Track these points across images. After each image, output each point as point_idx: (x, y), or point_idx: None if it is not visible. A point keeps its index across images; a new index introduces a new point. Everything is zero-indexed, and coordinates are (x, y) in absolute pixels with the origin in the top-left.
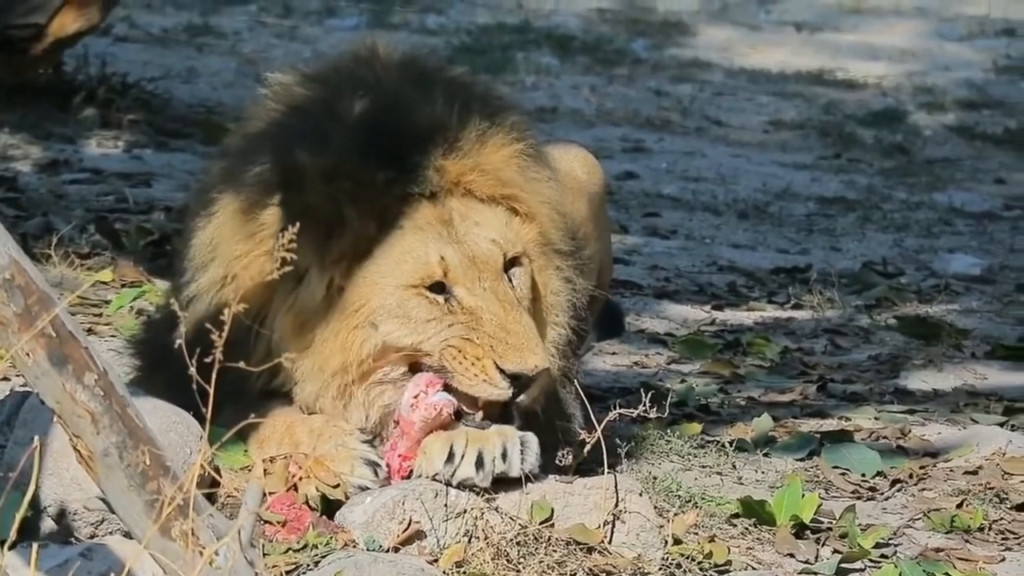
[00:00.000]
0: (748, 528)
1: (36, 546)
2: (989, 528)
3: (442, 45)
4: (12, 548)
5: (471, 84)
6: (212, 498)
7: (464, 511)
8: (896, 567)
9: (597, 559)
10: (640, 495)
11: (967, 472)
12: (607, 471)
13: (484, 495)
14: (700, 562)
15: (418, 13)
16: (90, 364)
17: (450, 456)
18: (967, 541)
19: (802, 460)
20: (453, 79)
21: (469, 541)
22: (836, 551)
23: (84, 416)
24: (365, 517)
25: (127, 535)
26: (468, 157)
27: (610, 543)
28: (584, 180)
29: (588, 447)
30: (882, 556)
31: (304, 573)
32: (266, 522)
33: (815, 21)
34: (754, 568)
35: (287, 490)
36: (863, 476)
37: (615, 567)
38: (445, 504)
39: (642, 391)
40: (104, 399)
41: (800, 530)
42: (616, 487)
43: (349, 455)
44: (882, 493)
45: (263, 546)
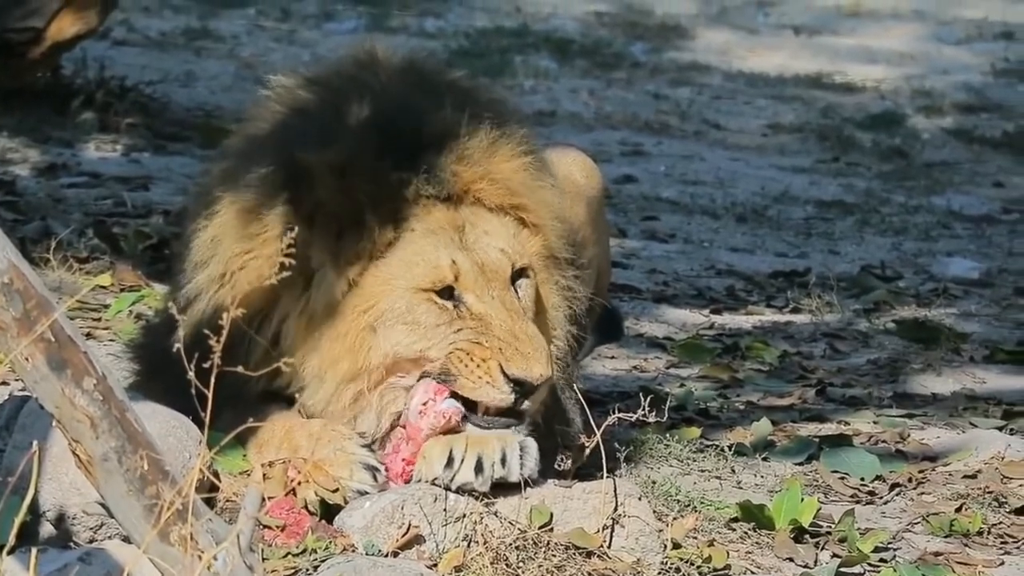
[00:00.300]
0: (747, 532)
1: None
2: (988, 532)
3: (440, 48)
4: (11, 552)
5: (477, 89)
6: (211, 502)
7: (463, 515)
8: (895, 571)
9: (596, 563)
10: (639, 499)
11: (966, 476)
12: (606, 475)
13: (483, 500)
14: (699, 566)
15: (416, 16)
16: (89, 368)
17: (449, 461)
18: (966, 545)
19: (801, 464)
20: (457, 84)
21: (468, 545)
22: (835, 555)
23: (83, 421)
24: (364, 521)
25: (126, 539)
26: (479, 165)
27: (609, 547)
28: (582, 184)
29: (587, 451)
30: (881, 560)
31: None
32: (265, 526)
33: (813, 24)
34: (753, 572)
35: (286, 494)
36: (862, 480)
37: (614, 571)
38: (444, 508)
39: (641, 395)
40: (103, 404)
41: (799, 534)
42: (615, 491)
43: (348, 459)
44: (881, 497)
45: (262, 550)
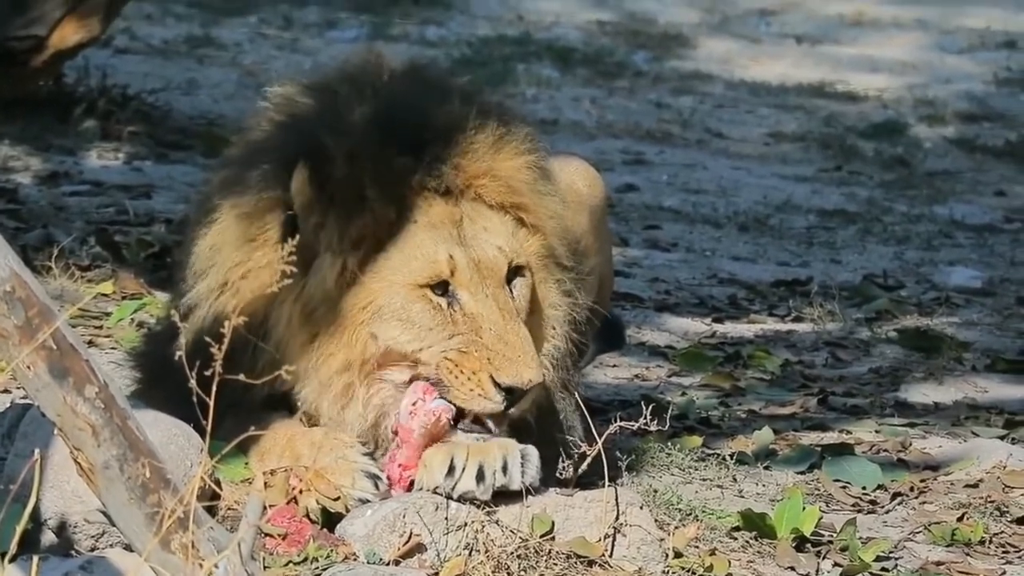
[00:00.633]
0: (749, 541)
1: (37, 559)
2: (990, 541)
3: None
4: (13, 561)
5: (481, 91)
6: (213, 511)
7: (465, 524)
8: None
9: (598, 572)
10: (641, 508)
11: (968, 485)
12: (608, 484)
13: (485, 508)
14: (701, 575)
15: (418, 25)
16: (91, 377)
17: (451, 469)
18: (968, 554)
19: (803, 473)
20: (462, 85)
21: (470, 554)
22: (837, 564)
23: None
24: (366, 530)
25: (127, 548)
26: (483, 161)
27: (611, 556)
28: (585, 193)
29: (589, 460)
30: (883, 569)
31: None
32: (266, 535)
33: (816, 33)
34: None
35: (288, 503)
36: (864, 489)
37: None
38: (446, 517)
39: (643, 404)
40: (105, 412)
41: (801, 543)
42: (617, 500)
43: (350, 468)
44: (883, 506)
45: (263, 559)
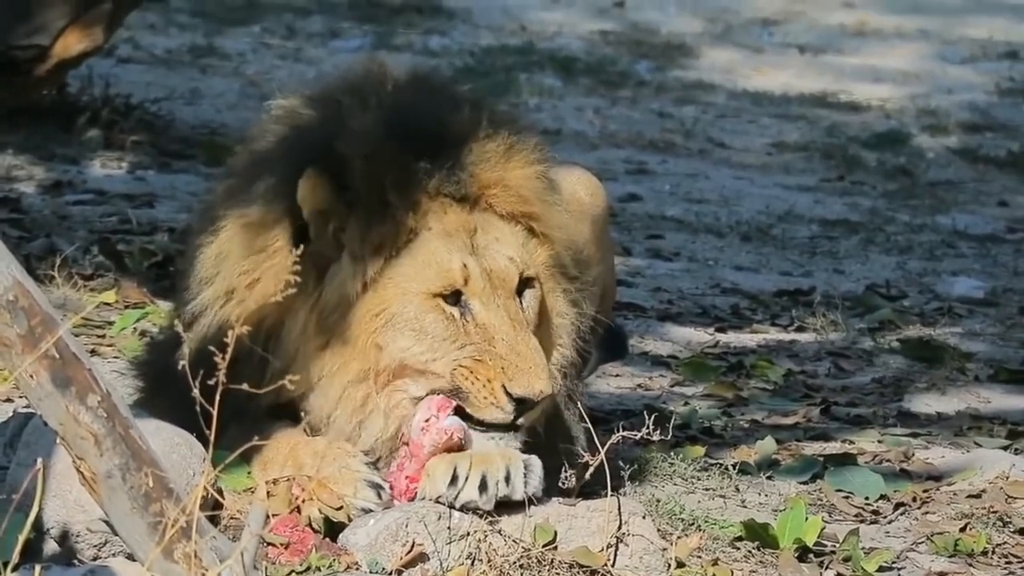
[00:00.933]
0: (751, 551)
1: (39, 568)
2: (992, 552)
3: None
4: (15, 570)
5: (488, 99)
6: (215, 520)
7: (467, 534)
8: None
9: None
10: (643, 518)
11: (970, 496)
12: (610, 494)
13: (487, 518)
14: None
15: (421, 34)
16: (93, 386)
17: (454, 479)
18: (970, 565)
19: (805, 483)
20: (468, 93)
21: (472, 564)
22: (839, 575)
23: (87, 438)
24: (368, 539)
25: (130, 557)
26: (496, 169)
27: (613, 566)
28: (587, 202)
29: (591, 470)
30: None
31: None
32: (269, 544)
33: (818, 43)
34: None
35: (290, 512)
36: (866, 499)
37: None
38: (448, 527)
39: (645, 413)
40: (107, 421)
41: (803, 553)
42: (619, 510)
43: (353, 477)
44: (885, 516)
45: (266, 568)
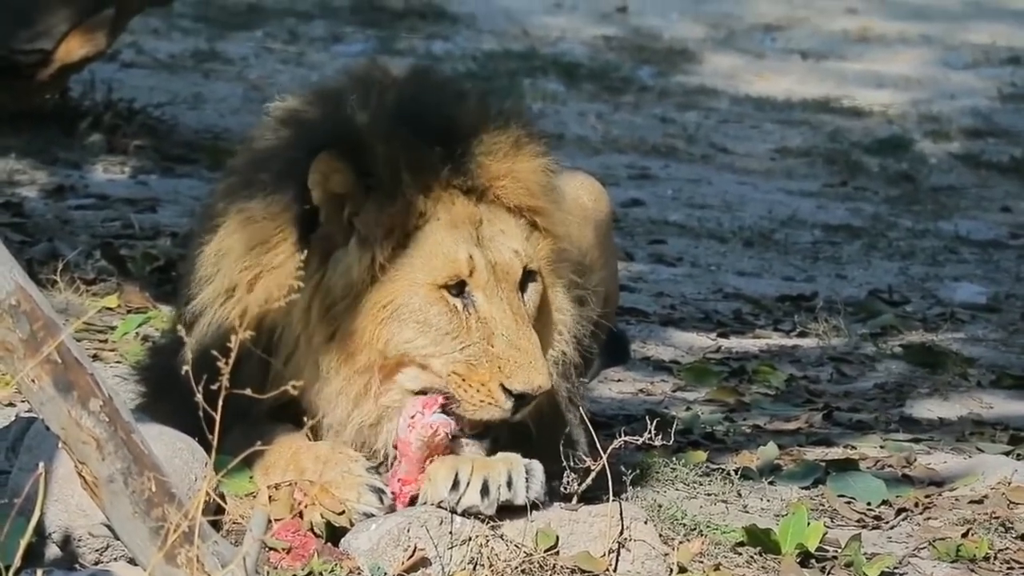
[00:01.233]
0: (753, 556)
1: (41, 572)
2: (994, 557)
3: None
4: (17, 574)
5: (491, 93)
6: (217, 525)
7: (469, 538)
8: None
9: None
10: (645, 523)
11: (972, 501)
12: (612, 499)
13: (489, 522)
14: None
15: (424, 39)
16: (95, 390)
17: (455, 483)
18: (972, 570)
19: (807, 488)
20: (473, 88)
21: (474, 569)
22: None
23: (89, 442)
24: (370, 544)
25: (132, 562)
26: (504, 161)
27: (615, 571)
28: (590, 207)
29: (593, 475)
30: None
31: None
32: (271, 549)
33: (821, 49)
34: None
35: (292, 517)
36: (868, 505)
37: None
38: (450, 531)
39: (647, 418)
40: (109, 425)
41: (805, 559)
42: (621, 515)
43: (355, 482)
44: (887, 522)
45: (268, 573)
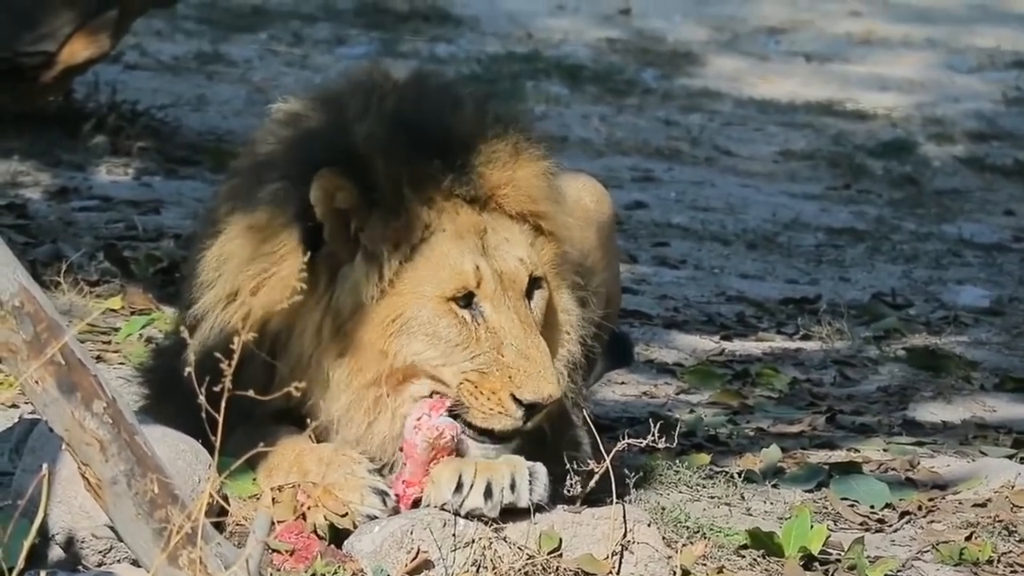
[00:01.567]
0: (756, 559)
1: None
2: (998, 561)
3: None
4: None
5: (491, 97)
6: (220, 527)
7: (472, 541)
8: None
9: None
10: (648, 525)
11: (976, 504)
12: (615, 501)
13: (492, 525)
14: None
15: (427, 42)
16: (99, 392)
17: (459, 486)
18: (975, 574)
19: (811, 491)
20: (472, 92)
21: (477, 571)
22: None
23: (93, 444)
24: (373, 546)
25: (135, 563)
26: (504, 169)
27: (618, 574)
28: (593, 209)
29: (597, 477)
30: None
31: None
32: (274, 551)
33: (825, 52)
34: None
35: (295, 519)
36: (872, 508)
37: None
38: (453, 534)
39: (651, 421)
40: (113, 427)
41: (808, 562)
42: (624, 517)
43: (358, 484)
44: (891, 525)
45: (271, 575)
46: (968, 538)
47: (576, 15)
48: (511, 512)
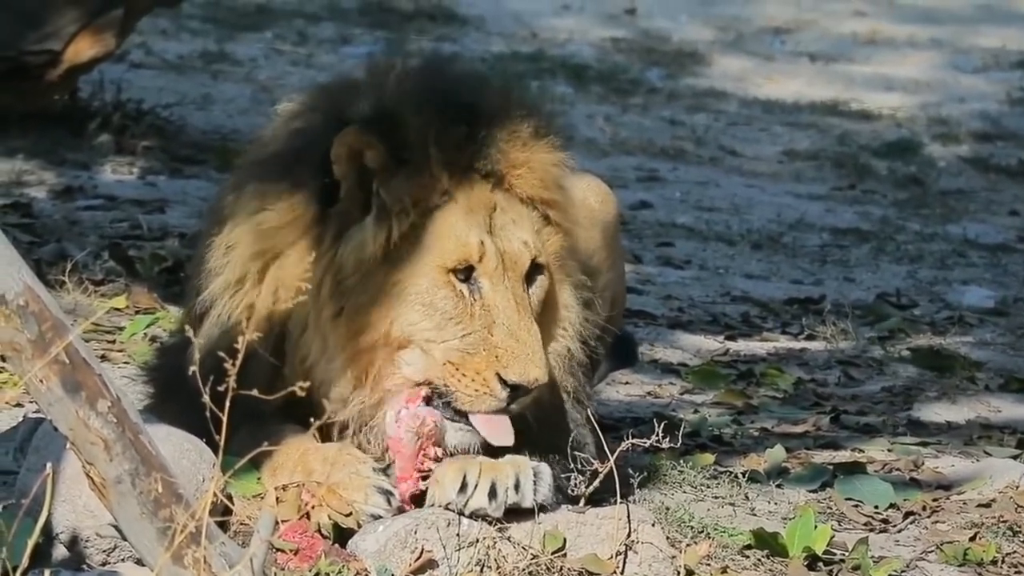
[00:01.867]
0: (760, 559)
1: (48, 573)
2: (1002, 561)
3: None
4: (24, 575)
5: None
6: (225, 526)
7: (476, 540)
8: None
9: None
10: (653, 525)
11: (980, 505)
12: (620, 501)
13: (497, 525)
14: None
15: (433, 41)
16: (103, 391)
17: (463, 486)
18: (980, 574)
19: (815, 491)
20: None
21: (481, 571)
22: None
23: (97, 443)
24: (377, 546)
25: (139, 562)
26: (523, 151)
27: (622, 573)
28: (597, 209)
29: (601, 477)
30: None
31: None
32: (278, 550)
33: (830, 52)
34: None
35: (300, 518)
36: (876, 508)
37: None
38: (457, 533)
39: (655, 421)
40: (117, 426)
41: (813, 562)
42: (629, 517)
43: (362, 483)
44: (895, 525)
45: (275, 574)
46: (972, 538)
47: (581, 15)
48: (515, 512)
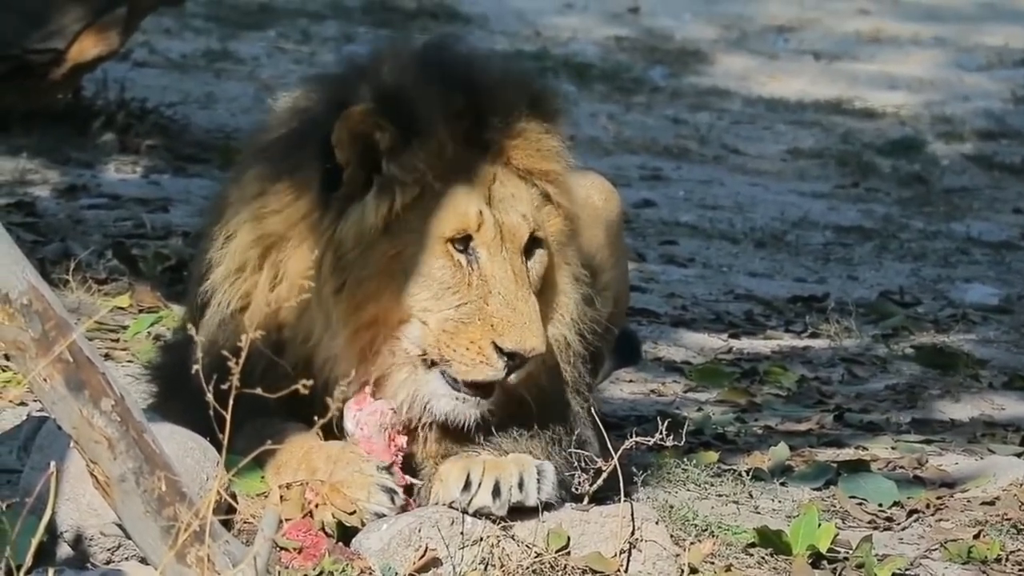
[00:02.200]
0: (764, 557)
1: (52, 572)
2: (1006, 559)
3: None
4: (28, 574)
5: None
6: (228, 524)
7: (480, 539)
8: None
9: None
10: (656, 524)
11: (984, 503)
12: (623, 499)
13: (500, 523)
14: None
15: None
16: (107, 390)
17: (467, 484)
18: (984, 572)
19: (819, 489)
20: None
21: (485, 569)
22: None
23: (101, 442)
24: (381, 544)
25: (143, 561)
26: (522, 122)
27: (626, 571)
28: (601, 207)
29: (605, 475)
30: None
31: None
32: (282, 549)
33: (833, 50)
34: None
35: (303, 516)
36: (880, 506)
37: None
38: (461, 532)
39: (659, 419)
40: (121, 425)
41: (817, 560)
42: (632, 515)
43: (366, 482)
44: (899, 523)
45: (279, 573)
46: (976, 536)
47: (584, 13)
48: (519, 510)
